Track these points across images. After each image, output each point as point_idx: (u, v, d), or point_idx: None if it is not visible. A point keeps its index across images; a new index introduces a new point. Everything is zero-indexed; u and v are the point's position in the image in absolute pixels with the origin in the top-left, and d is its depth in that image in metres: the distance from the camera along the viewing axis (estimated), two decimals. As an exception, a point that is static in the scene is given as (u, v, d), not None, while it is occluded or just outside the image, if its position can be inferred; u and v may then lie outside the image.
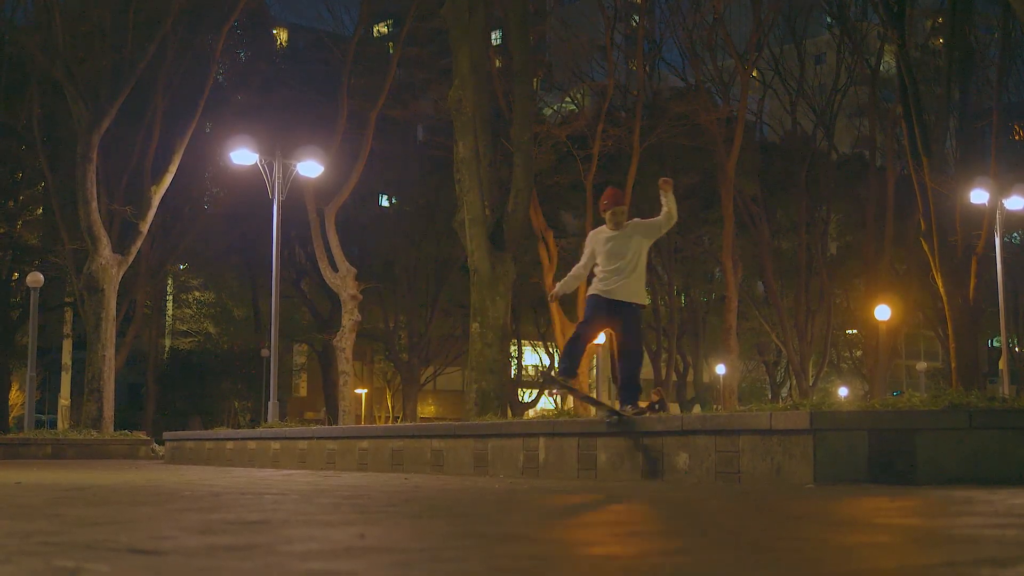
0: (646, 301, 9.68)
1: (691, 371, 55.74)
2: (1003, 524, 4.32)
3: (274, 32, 57.54)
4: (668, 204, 9.42)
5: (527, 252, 37.03)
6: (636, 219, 9.73)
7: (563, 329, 36.49)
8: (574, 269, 9.91)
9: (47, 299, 40.80)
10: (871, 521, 4.66)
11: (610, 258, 9.45)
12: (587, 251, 9.71)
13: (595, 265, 9.64)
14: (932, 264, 29.73)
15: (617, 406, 9.53)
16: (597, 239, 9.64)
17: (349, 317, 29.64)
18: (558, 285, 10.07)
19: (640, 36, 40.15)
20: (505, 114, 30.54)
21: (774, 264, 44.85)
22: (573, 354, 9.53)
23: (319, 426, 19.83)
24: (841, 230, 55.59)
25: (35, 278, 29.41)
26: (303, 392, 65.73)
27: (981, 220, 29.66)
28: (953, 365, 29.23)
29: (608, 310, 9.40)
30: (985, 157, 34.53)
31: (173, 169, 30.25)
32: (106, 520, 4.73)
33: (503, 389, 17.80)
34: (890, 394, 40.83)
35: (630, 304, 9.41)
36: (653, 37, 44.17)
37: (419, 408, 54.62)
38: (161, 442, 23.78)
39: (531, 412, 51.30)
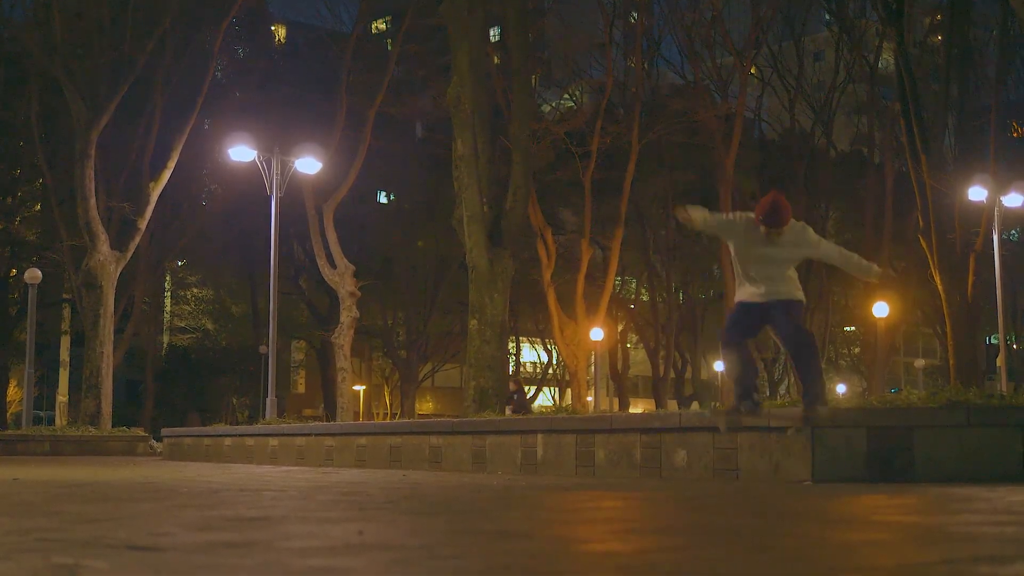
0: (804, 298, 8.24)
1: (689, 368, 55.77)
2: (1002, 522, 4.32)
3: (272, 29, 57.50)
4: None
5: (525, 249, 36.97)
6: (795, 223, 8.18)
7: (560, 325, 36.50)
8: (712, 217, 8.42)
9: (45, 295, 40.75)
10: (869, 518, 4.66)
11: (759, 263, 8.07)
12: (729, 219, 8.40)
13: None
14: (931, 261, 29.73)
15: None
16: (741, 228, 8.15)
17: (347, 314, 29.64)
18: (695, 209, 8.34)
19: (639, 33, 40.14)
20: (504, 111, 30.52)
21: (772, 261, 44.79)
22: (745, 378, 8.15)
23: (317, 423, 19.83)
24: (840, 227, 55.56)
25: (33, 274, 29.40)
26: (301, 389, 65.74)
27: (980, 217, 29.66)
28: (951, 362, 29.24)
29: (761, 313, 8.04)
30: (984, 154, 34.55)
31: (171, 166, 30.23)
32: (104, 517, 4.73)
33: (501, 386, 17.80)
34: (888, 391, 40.84)
35: (788, 301, 8.03)
36: (652, 34, 44.15)
37: (417, 405, 54.65)
38: (159, 439, 23.79)
39: (529, 409, 51.24)
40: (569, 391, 44.11)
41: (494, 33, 37.97)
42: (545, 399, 58.75)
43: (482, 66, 18.94)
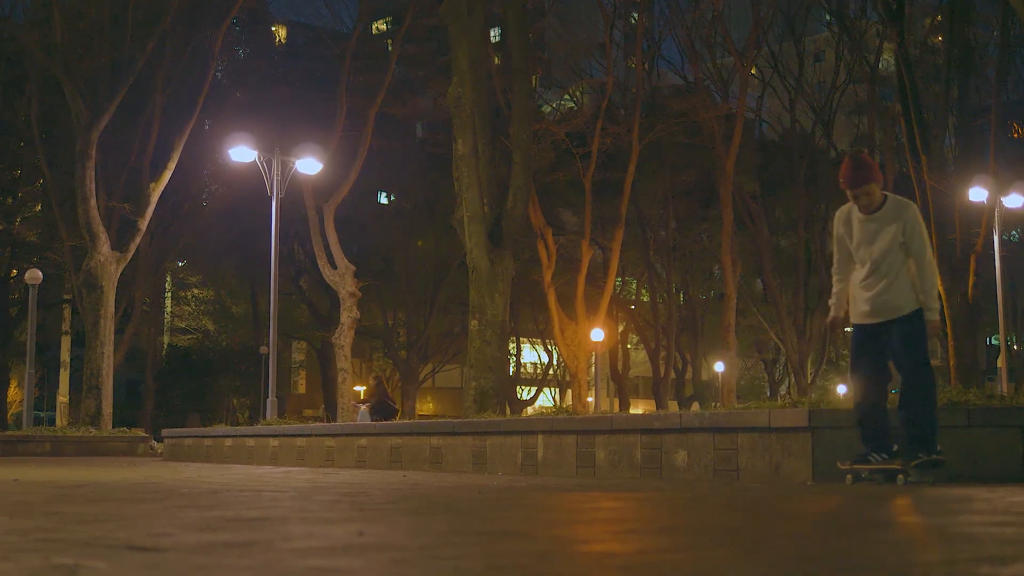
0: (917, 305, 7.18)
1: (690, 369, 55.80)
2: (1002, 522, 4.32)
3: (273, 29, 57.55)
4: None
5: (526, 249, 37.05)
6: (897, 199, 7.35)
7: (561, 326, 36.50)
8: (833, 281, 7.58)
9: (46, 296, 40.81)
10: (870, 519, 4.66)
11: (862, 243, 7.23)
12: (836, 242, 7.49)
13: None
14: (931, 261, 29.70)
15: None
16: (844, 219, 7.37)
17: (348, 314, 29.65)
18: (832, 308, 7.54)
19: (639, 33, 40.16)
20: (504, 111, 30.54)
21: (773, 261, 44.86)
22: (872, 423, 7.29)
23: (318, 423, 19.83)
24: (840, 228, 55.51)
25: (34, 275, 29.41)
26: (302, 389, 65.78)
27: (980, 218, 29.67)
28: (952, 363, 29.25)
29: (878, 336, 7.20)
30: (984, 155, 34.53)
31: (172, 166, 30.25)
32: (105, 517, 4.73)
33: (502, 386, 17.80)
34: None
35: (899, 318, 7.11)
36: (652, 34, 44.19)
37: (418, 405, 54.67)
38: (160, 439, 23.80)
39: (530, 409, 51.33)
40: (570, 392, 44.13)
41: (494, 33, 38.01)
42: (545, 400, 58.78)
43: (482, 66, 18.94)
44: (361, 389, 59.68)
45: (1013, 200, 27.95)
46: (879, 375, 7.29)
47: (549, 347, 55.48)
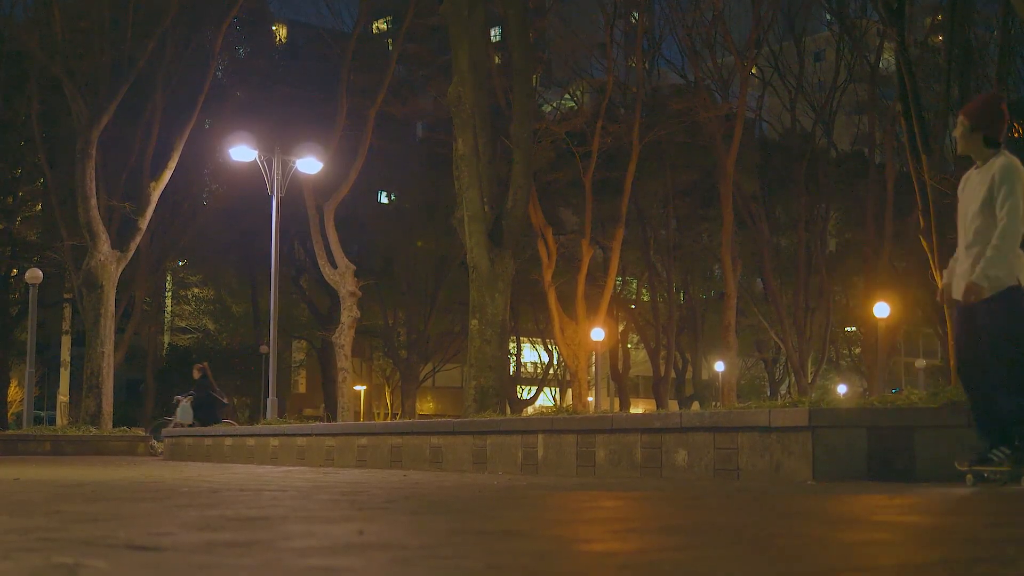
0: (1013, 281, 6.25)
1: (690, 368, 55.80)
2: (1002, 522, 4.32)
3: (273, 28, 57.58)
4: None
5: (526, 249, 37.07)
6: (999, 154, 6.36)
7: (561, 325, 36.49)
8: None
9: (46, 295, 40.79)
10: (870, 519, 4.66)
11: (960, 212, 6.53)
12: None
13: None
14: (931, 261, 29.70)
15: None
16: (963, 183, 6.66)
17: (348, 314, 29.64)
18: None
19: (639, 33, 40.16)
20: (504, 111, 30.53)
21: (773, 261, 44.86)
22: (986, 416, 6.55)
23: (318, 423, 19.83)
24: (840, 227, 55.63)
25: (34, 274, 29.42)
26: (302, 389, 65.79)
27: (980, 218, 29.60)
28: (952, 363, 29.23)
29: (974, 317, 6.44)
30: (984, 155, 34.48)
31: (172, 165, 30.26)
32: (105, 516, 4.73)
33: (502, 386, 17.78)
34: (889, 391, 40.83)
35: (988, 297, 6.29)
36: (652, 34, 44.19)
37: (418, 405, 54.70)
38: (160, 439, 23.80)
39: (530, 409, 51.35)
40: (570, 391, 44.14)
41: (495, 33, 38.00)
42: (546, 399, 58.79)
43: (483, 66, 18.92)
44: (362, 389, 59.77)
45: (1013, 200, 27.92)
46: (984, 360, 6.46)
47: (549, 347, 55.50)
